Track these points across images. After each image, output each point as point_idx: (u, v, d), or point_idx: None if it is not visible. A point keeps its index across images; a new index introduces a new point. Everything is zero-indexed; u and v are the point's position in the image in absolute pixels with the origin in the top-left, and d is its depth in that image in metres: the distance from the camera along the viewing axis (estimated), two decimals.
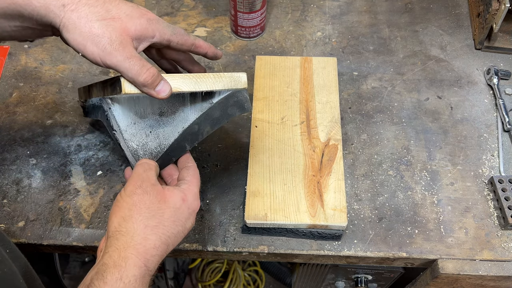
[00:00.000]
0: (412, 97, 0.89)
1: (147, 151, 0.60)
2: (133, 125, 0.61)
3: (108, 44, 0.52)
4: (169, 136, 0.60)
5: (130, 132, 0.60)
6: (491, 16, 0.89)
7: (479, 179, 0.79)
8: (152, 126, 0.61)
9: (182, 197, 0.55)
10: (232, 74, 0.60)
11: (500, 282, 0.72)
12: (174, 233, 0.53)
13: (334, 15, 1.02)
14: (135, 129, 0.61)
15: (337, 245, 0.72)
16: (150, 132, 0.61)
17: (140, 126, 0.61)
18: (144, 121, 0.61)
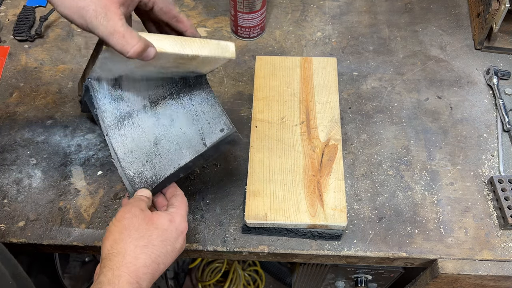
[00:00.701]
0: (412, 97, 0.89)
1: (143, 179, 0.62)
2: (130, 153, 0.63)
3: (93, 17, 0.52)
4: (165, 168, 0.62)
5: (127, 160, 0.62)
6: (491, 16, 0.89)
7: (478, 179, 0.79)
8: (149, 155, 0.63)
9: (170, 218, 0.58)
10: (220, 42, 0.61)
11: (499, 282, 0.72)
12: (164, 252, 0.56)
13: (334, 15, 1.02)
14: (132, 158, 0.62)
15: (337, 245, 0.72)
16: (147, 161, 0.62)
17: (137, 155, 0.63)
18: (141, 150, 0.63)
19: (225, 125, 0.63)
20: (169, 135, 0.63)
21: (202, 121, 0.64)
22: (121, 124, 0.63)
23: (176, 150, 0.62)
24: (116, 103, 0.63)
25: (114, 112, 0.63)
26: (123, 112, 0.63)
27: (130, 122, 0.63)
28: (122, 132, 0.62)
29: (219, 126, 0.63)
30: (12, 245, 0.73)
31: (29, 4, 1.02)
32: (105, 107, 0.63)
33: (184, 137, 0.63)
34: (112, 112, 0.63)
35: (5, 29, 0.99)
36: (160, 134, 0.63)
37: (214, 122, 0.64)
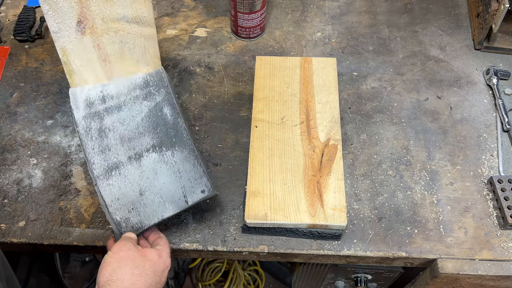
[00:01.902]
0: (411, 97, 0.89)
1: (129, 224, 0.67)
2: (117, 200, 0.68)
3: None
4: (150, 217, 0.67)
5: (114, 206, 0.67)
6: (491, 16, 0.89)
7: (478, 179, 0.79)
8: (134, 204, 0.68)
9: (158, 254, 0.65)
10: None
11: (499, 282, 0.73)
12: (154, 282, 0.62)
13: (333, 16, 1.02)
14: (119, 204, 0.68)
15: (337, 244, 0.72)
16: (132, 209, 0.67)
17: (123, 202, 0.68)
18: (127, 198, 0.68)
19: (205, 187, 0.68)
20: (153, 187, 0.68)
21: (185, 179, 0.68)
22: (109, 175, 0.68)
23: (159, 202, 0.67)
24: (103, 155, 0.69)
25: (102, 164, 0.69)
26: (111, 163, 0.69)
27: (117, 173, 0.68)
28: (110, 182, 0.68)
29: (200, 187, 0.68)
30: (12, 245, 0.73)
31: (30, 5, 1.02)
32: (93, 159, 0.69)
33: (168, 192, 0.68)
34: (101, 163, 0.69)
35: (6, 29, 0.99)
36: (145, 186, 0.68)
37: (196, 183, 0.68)
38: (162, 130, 0.70)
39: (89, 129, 0.70)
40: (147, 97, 0.73)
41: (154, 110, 0.72)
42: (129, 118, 0.71)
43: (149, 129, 0.70)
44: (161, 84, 0.74)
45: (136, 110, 0.71)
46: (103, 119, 0.71)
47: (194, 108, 0.87)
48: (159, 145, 0.70)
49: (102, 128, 0.70)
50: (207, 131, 0.84)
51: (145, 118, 0.71)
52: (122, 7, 0.71)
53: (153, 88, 0.74)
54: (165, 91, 0.73)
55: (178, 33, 0.99)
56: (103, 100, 0.72)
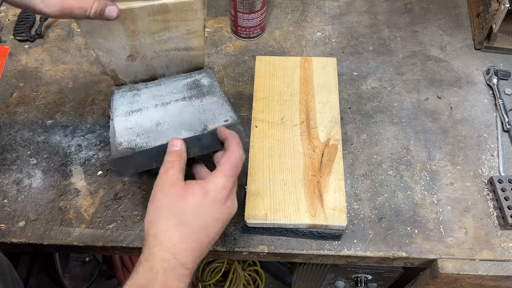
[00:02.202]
0: (411, 97, 0.89)
1: (131, 144, 0.61)
2: (129, 129, 0.64)
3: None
4: (158, 139, 0.62)
5: (123, 133, 0.63)
6: (491, 16, 0.89)
7: (478, 179, 0.79)
8: (146, 131, 0.64)
9: (203, 191, 0.55)
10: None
11: (499, 282, 0.73)
12: (203, 226, 0.54)
13: (334, 16, 1.02)
14: (129, 132, 0.64)
15: (337, 244, 0.72)
16: (142, 134, 0.63)
17: (135, 130, 0.64)
18: (141, 127, 0.64)
19: (230, 117, 0.63)
20: (173, 121, 0.64)
21: (209, 114, 0.64)
22: (129, 115, 0.66)
23: (175, 129, 0.62)
24: (130, 105, 0.68)
25: (125, 109, 0.67)
26: (135, 108, 0.67)
27: (138, 114, 0.66)
28: (127, 118, 0.65)
29: (224, 117, 0.63)
30: (12, 245, 0.73)
31: None
32: (119, 107, 0.67)
33: (187, 123, 0.63)
34: (124, 109, 0.67)
35: (6, 29, 0.99)
36: (164, 119, 0.64)
37: (220, 115, 0.64)
38: (196, 89, 0.69)
39: (124, 94, 0.70)
40: (188, 77, 0.73)
41: (191, 82, 0.71)
42: (164, 87, 0.70)
43: (182, 90, 0.69)
44: (207, 73, 0.73)
45: (175, 82, 0.71)
46: (140, 89, 0.71)
47: None
48: (189, 97, 0.68)
49: (137, 92, 0.70)
50: None
51: (182, 85, 0.71)
52: (175, 43, 0.70)
53: (195, 73, 0.74)
54: (205, 72, 0.73)
55: None
56: (145, 82, 0.73)
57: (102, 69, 0.87)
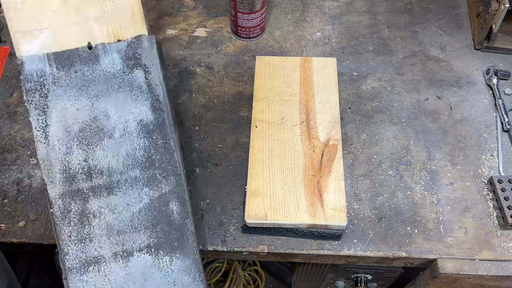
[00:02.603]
0: (411, 97, 0.89)
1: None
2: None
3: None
4: None
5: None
6: (491, 16, 0.89)
7: (478, 179, 0.79)
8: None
9: None
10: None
11: (499, 282, 0.73)
12: None
13: (334, 16, 1.02)
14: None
15: (337, 244, 0.72)
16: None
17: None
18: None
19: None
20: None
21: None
22: (84, 270, 0.54)
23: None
24: (82, 245, 0.54)
25: (78, 255, 0.54)
26: (90, 256, 0.54)
27: (95, 269, 0.54)
28: (84, 278, 0.54)
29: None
30: (12, 245, 0.73)
31: None
32: (68, 248, 0.54)
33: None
34: (77, 254, 0.54)
35: (6, 29, 0.99)
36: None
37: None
38: (164, 230, 0.55)
39: (67, 212, 0.54)
40: (150, 183, 0.55)
41: (157, 202, 0.55)
42: (122, 206, 0.55)
43: (146, 225, 0.55)
44: (172, 168, 0.56)
45: (133, 197, 0.54)
46: (87, 201, 0.55)
47: (194, 108, 0.87)
48: (155, 246, 0.55)
49: (85, 212, 0.54)
50: (207, 131, 0.84)
51: (143, 210, 0.55)
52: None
53: (160, 173, 0.55)
54: (175, 180, 0.55)
55: (178, 33, 0.99)
56: (88, 174, 0.54)
57: None
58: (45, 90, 0.55)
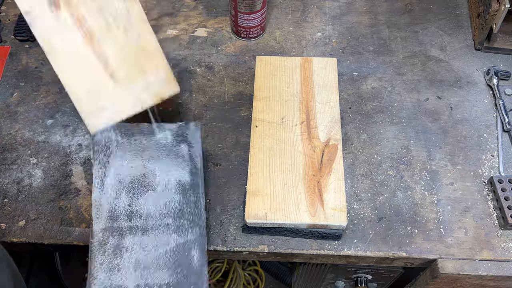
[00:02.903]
0: (412, 97, 0.89)
1: None
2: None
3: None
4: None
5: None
6: (491, 16, 0.89)
7: (478, 179, 0.79)
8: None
9: None
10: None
11: (499, 282, 0.73)
12: None
13: (334, 16, 1.02)
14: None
15: (337, 244, 0.72)
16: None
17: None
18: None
19: None
20: None
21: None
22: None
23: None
24: (110, 273, 0.62)
25: (105, 282, 0.61)
26: (115, 284, 0.61)
27: None
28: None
29: None
30: (12, 244, 0.73)
31: None
32: (98, 274, 0.61)
33: None
34: (104, 281, 0.61)
35: (6, 29, 0.99)
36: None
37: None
38: (183, 273, 0.62)
39: (104, 244, 0.63)
40: (179, 230, 0.64)
41: (182, 247, 0.63)
42: (152, 246, 0.63)
43: (169, 265, 0.62)
44: (198, 220, 0.65)
45: (162, 239, 0.63)
46: (123, 237, 0.63)
47: (194, 108, 0.87)
48: (174, 286, 0.61)
49: (120, 246, 0.63)
50: (207, 131, 0.84)
51: (169, 252, 0.63)
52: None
53: (188, 223, 0.65)
54: (199, 232, 0.64)
55: (178, 33, 0.99)
56: (129, 217, 0.64)
57: None
58: (109, 151, 0.68)
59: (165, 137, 0.70)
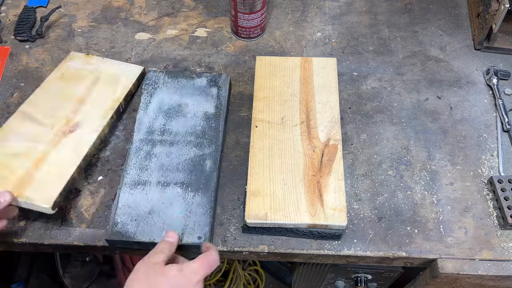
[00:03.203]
0: (411, 97, 0.89)
1: (123, 229, 0.71)
2: (128, 207, 0.73)
3: None
4: (144, 234, 0.71)
5: (122, 210, 0.73)
6: (491, 16, 0.89)
7: (478, 179, 0.79)
8: (139, 217, 0.73)
9: (179, 268, 0.61)
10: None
11: (499, 282, 0.73)
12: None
13: (334, 16, 1.02)
14: (127, 210, 0.73)
15: (337, 244, 0.73)
16: (135, 220, 0.72)
17: (131, 211, 0.73)
18: (136, 210, 0.73)
19: (203, 235, 0.70)
20: (162, 213, 0.72)
21: (191, 220, 0.72)
22: (134, 187, 0.75)
23: (159, 227, 0.71)
24: (139, 171, 0.76)
25: (134, 177, 0.75)
26: (141, 179, 0.75)
27: (141, 188, 0.75)
28: (131, 192, 0.74)
29: (199, 233, 0.70)
30: (12, 244, 0.73)
31: (30, 4, 1.02)
32: (130, 170, 0.76)
33: (170, 222, 0.72)
34: (133, 176, 0.76)
35: (6, 29, 0.99)
36: (157, 208, 0.73)
37: (198, 228, 0.71)
38: (196, 176, 0.76)
39: (139, 150, 0.78)
40: (198, 146, 0.79)
41: (198, 158, 0.78)
42: (175, 155, 0.78)
43: (186, 170, 0.76)
44: (215, 140, 0.80)
45: (184, 151, 0.78)
46: (155, 146, 0.79)
47: None
48: (187, 184, 0.75)
49: (150, 153, 0.78)
50: None
51: (188, 160, 0.77)
52: None
53: (206, 141, 0.80)
54: (214, 148, 0.79)
55: (178, 33, 0.99)
56: (162, 133, 0.80)
57: None
58: (156, 85, 0.86)
59: (201, 81, 0.87)
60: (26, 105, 0.81)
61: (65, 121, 0.79)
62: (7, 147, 0.75)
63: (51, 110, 0.80)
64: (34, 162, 0.73)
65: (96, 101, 0.83)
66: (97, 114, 0.81)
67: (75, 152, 0.75)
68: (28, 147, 0.75)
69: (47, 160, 0.73)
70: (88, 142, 0.77)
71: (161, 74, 0.87)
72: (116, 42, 0.97)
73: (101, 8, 1.03)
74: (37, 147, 0.75)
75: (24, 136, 0.76)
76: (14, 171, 0.71)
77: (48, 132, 0.77)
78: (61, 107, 0.81)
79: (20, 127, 0.78)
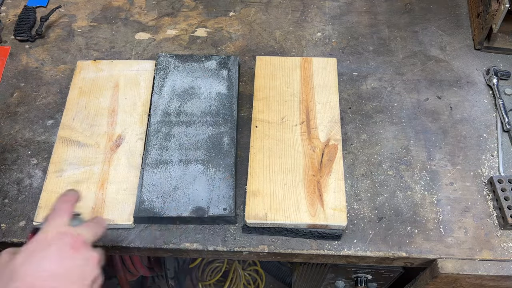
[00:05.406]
0: (411, 97, 0.89)
1: (151, 206, 0.74)
2: (152, 185, 0.76)
3: None
4: (171, 209, 0.74)
5: (147, 188, 0.76)
6: (491, 16, 0.89)
7: (478, 179, 0.79)
8: (165, 194, 0.75)
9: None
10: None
11: (499, 282, 0.73)
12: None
13: (334, 16, 1.02)
14: (152, 189, 0.76)
15: (337, 244, 0.73)
16: (161, 197, 0.75)
17: (156, 189, 0.76)
18: (161, 187, 0.76)
19: (229, 207, 0.73)
20: (186, 189, 0.75)
21: (215, 194, 0.74)
22: (156, 166, 0.77)
23: (185, 202, 0.74)
24: (160, 151, 0.79)
25: (156, 157, 0.78)
26: (163, 159, 0.78)
27: (164, 167, 0.77)
28: (154, 171, 0.77)
29: (224, 205, 0.73)
30: (13, 244, 0.73)
31: (30, 4, 1.02)
32: (151, 151, 0.78)
33: (196, 197, 0.74)
34: (155, 156, 0.78)
35: (6, 29, 0.99)
36: (181, 184, 0.75)
37: (223, 200, 0.74)
38: (216, 152, 0.78)
39: (158, 131, 0.81)
40: (214, 125, 0.81)
41: (216, 136, 0.80)
42: (193, 134, 0.81)
43: (205, 148, 0.79)
44: (230, 119, 0.82)
45: (201, 130, 0.81)
46: (172, 128, 0.81)
47: None
48: (207, 161, 0.78)
49: (169, 134, 0.81)
50: None
51: (206, 139, 0.80)
52: None
53: (222, 120, 0.82)
54: (230, 126, 0.81)
55: (178, 33, 0.99)
56: (178, 114, 0.83)
57: None
58: (168, 70, 0.89)
59: (211, 64, 0.89)
60: (62, 130, 0.81)
61: (107, 137, 0.80)
62: (68, 177, 0.76)
63: (89, 128, 0.81)
64: (99, 185, 0.75)
65: (126, 108, 0.84)
66: (133, 121, 0.83)
67: (129, 165, 0.78)
68: (85, 172, 0.77)
69: (109, 179, 0.76)
70: (137, 152, 0.79)
71: (172, 59, 0.90)
72: (116, 42, 0.97)
73: (101, 8, 1.03)
74: (93, 169, 0.77)
75: (76, 162, 0.77)
76: (85, 197, 0.73)
77: (96, 151, 0.79)
78: (97, 123, 0.82)
79: (68, 154, 0.79)
